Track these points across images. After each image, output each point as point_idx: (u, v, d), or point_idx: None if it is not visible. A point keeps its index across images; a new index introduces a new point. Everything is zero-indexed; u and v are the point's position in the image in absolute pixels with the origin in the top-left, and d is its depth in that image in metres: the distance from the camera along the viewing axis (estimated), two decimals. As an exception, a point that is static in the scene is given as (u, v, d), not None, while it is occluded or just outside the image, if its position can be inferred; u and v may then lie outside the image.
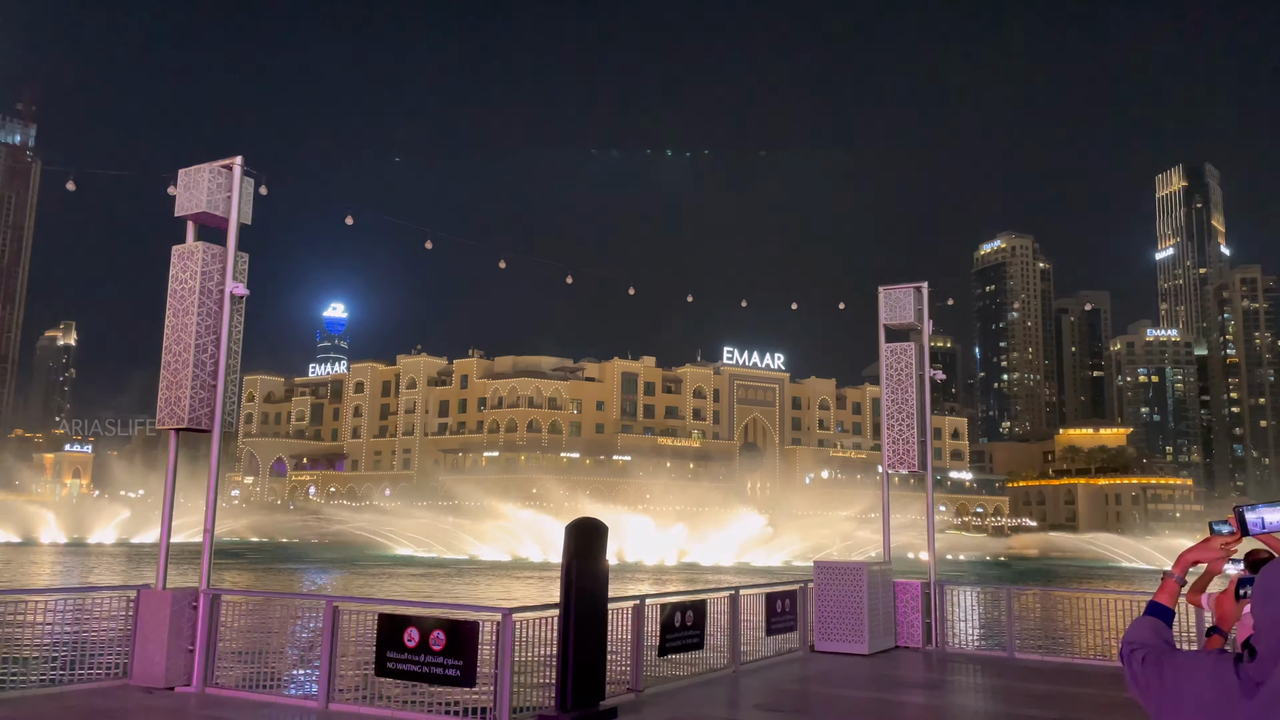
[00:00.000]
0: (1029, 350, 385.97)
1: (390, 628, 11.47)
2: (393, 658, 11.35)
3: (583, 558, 11.36)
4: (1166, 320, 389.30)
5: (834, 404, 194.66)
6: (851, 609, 17.30)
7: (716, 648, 15.26)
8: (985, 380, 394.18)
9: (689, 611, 14.38)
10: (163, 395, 13.32)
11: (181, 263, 13.56)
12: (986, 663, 17.35)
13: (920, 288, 20.02)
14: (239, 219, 13.84)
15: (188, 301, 13.35)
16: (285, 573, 69.04)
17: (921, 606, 18.43)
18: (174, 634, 12.77)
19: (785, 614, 17.01)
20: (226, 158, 14.01)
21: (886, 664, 16.73)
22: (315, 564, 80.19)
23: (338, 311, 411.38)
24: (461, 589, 56.77)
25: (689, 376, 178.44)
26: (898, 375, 19.44)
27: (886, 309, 19.91)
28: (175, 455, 14.17)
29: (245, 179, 13.99)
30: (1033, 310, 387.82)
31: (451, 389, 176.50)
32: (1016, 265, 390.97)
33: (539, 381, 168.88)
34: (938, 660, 17.49)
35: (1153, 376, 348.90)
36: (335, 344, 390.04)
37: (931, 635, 18.45)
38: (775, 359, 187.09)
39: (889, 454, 19.24)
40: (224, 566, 64.08)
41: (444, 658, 11.02)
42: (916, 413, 19.15)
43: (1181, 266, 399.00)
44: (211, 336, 13.43)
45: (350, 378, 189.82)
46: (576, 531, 11.46)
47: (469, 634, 11.05)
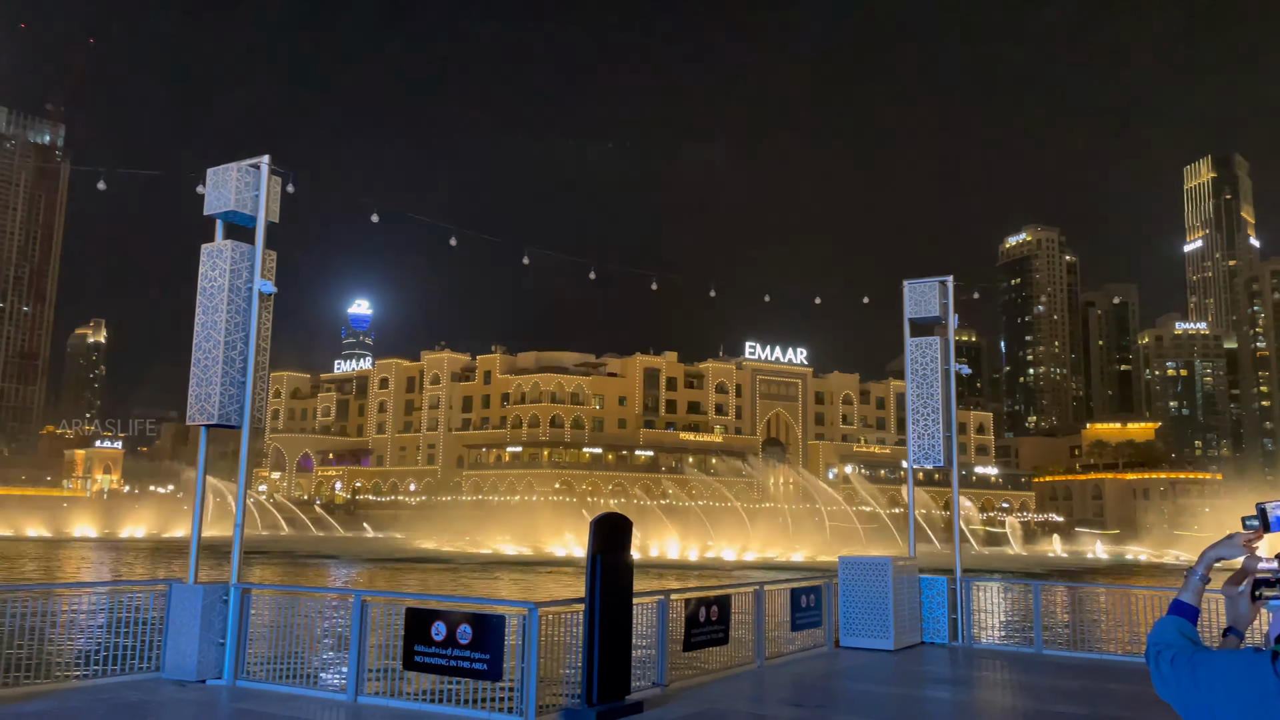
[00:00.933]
0: (1055, 344, 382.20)
1: (418, 622, 11.56)
2: (420, 651, 11.44)
3: (608, 553, 11.40)
4: (1195, 313, 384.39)
5: (857, 399, 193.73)
6: (877, 604, 17.24)
7: (741, 643, 15.27)
8: (1011, 374, 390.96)
9: (713, 606, 14.39)
10: (193, 392, 13.48)
11: (210, 261, 13.70)
12: (1014, 658, 17.25)
13: (945, 281, 19.89)
14: (266, 217, 13.97)
15: (217, 299, 13.50)
16: (311, 567, 69.64)
17: (948, 602, 18.35)
18: (205, 628, 12.94)
19: (810, 609, 16.98)
20: (253, 156, 14.14)
21: (913, 660, 16.67)
22: (340, 559, 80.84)
23: (362, 308, 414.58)
24: (485, 584, 57.07)
25: (711, 372, 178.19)
26: (923, 370, 19.33)
27: (911, 303, 19.79)
28: (205, 451, 14.34)
29: (273, 177, 14.12)
30: (1059, 303, 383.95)
31: (475, 384, 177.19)
32: (1043, 258, 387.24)
33: (561, 377, 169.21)
34: (964, 656, 17.40)
35: (1181, 370, 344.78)
36: (360, 340, 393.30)
37: (958, 631, 18.36)
38: (798, 354, 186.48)
39: (914, 450, 19.14)
40: (251, 561, 64.73)
41: (471, 651, 11.09)
42: (942, 408, 19.04)
43: (1210, 259, 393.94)
44: (240, 334, 13.57)
45: (375, 374, 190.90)
46: (602, 527, 11.50)
47: (496, 628, 11.12)
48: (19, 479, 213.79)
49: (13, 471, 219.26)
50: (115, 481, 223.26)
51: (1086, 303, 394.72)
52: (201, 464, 14.06)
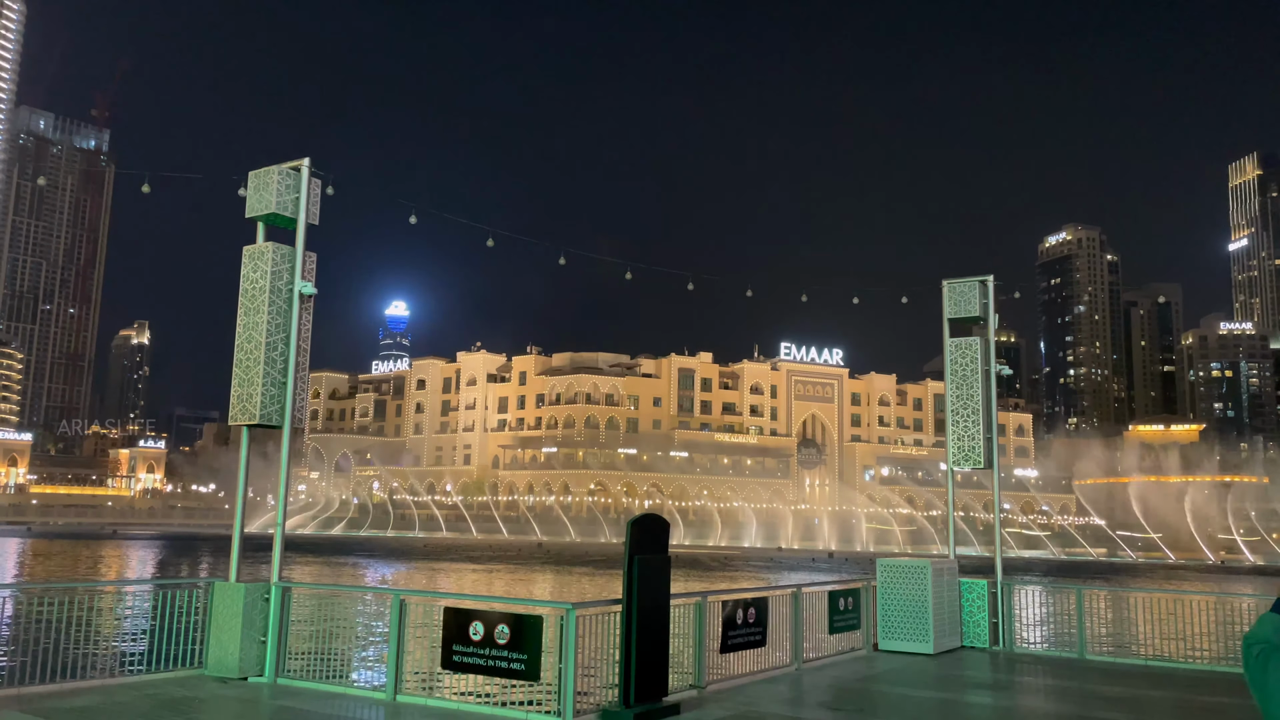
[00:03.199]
0: (1096, 345, 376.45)
1: (456, 621, 11.61)
2: (459, 651, 11.49)
3: (644, 554, 11.38)
4: (1241, 313, 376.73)
5: (894, 400, 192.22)
6: (915, 608, 17.06)
7: (779, 645, 15.17)
8: (1050, 375, 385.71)
9: (750, 609, 14.31)
10: (235, 392, 13.64)
11: (252, 263, 13.87)
12: (1056, 664, 16.98)
13: (985, 281, 19.65)
14: (307, 219, 14.12)
15: (258, 301, 13.66)
16: (348, 566, 70.34)
17: (989, 605, 18.11)
18: (247, 625, 13.09)
19: (848, 612, 16.84)
20: (293, 159, 14.30)
21: (952, 664, 16.47)
22: (376, 556, 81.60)
23: (399, 309, 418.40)
24: (521, 585, 57.27)
25: (746, 372, 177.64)
26: (963, 370, 19.10)
27: (950, 303, 19.57)
28: (247, 451, 14.52)
29: (313, 180, 14.27)
30: (1100, 303, 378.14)
31: (510, 385, 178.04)
32: (1083, 257, 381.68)
33: (596, 378, 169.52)
34: (1005, 661, 17.17)
35: (1226, 371, 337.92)
36: (397, 341, 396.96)
37: (999, 635, 18.12)
38: (834, 354, 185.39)
39: (954, 451, 18.92)
40: (288, 559, 65.48)
41: (509, 651, 11.12)
42: (982, 409, 18.81)
43: (1256, 257, 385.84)
44: (281, 335, 13.72)
45: (412, 374, 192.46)
46: (638, 528, 11.48)
47: (533, 628, 11.13)
48: (65, 478, 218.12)
49: (59, 470, 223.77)
50: (159, 480, 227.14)
51: (1128, 303, 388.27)
52: (244, 463, 14.23)
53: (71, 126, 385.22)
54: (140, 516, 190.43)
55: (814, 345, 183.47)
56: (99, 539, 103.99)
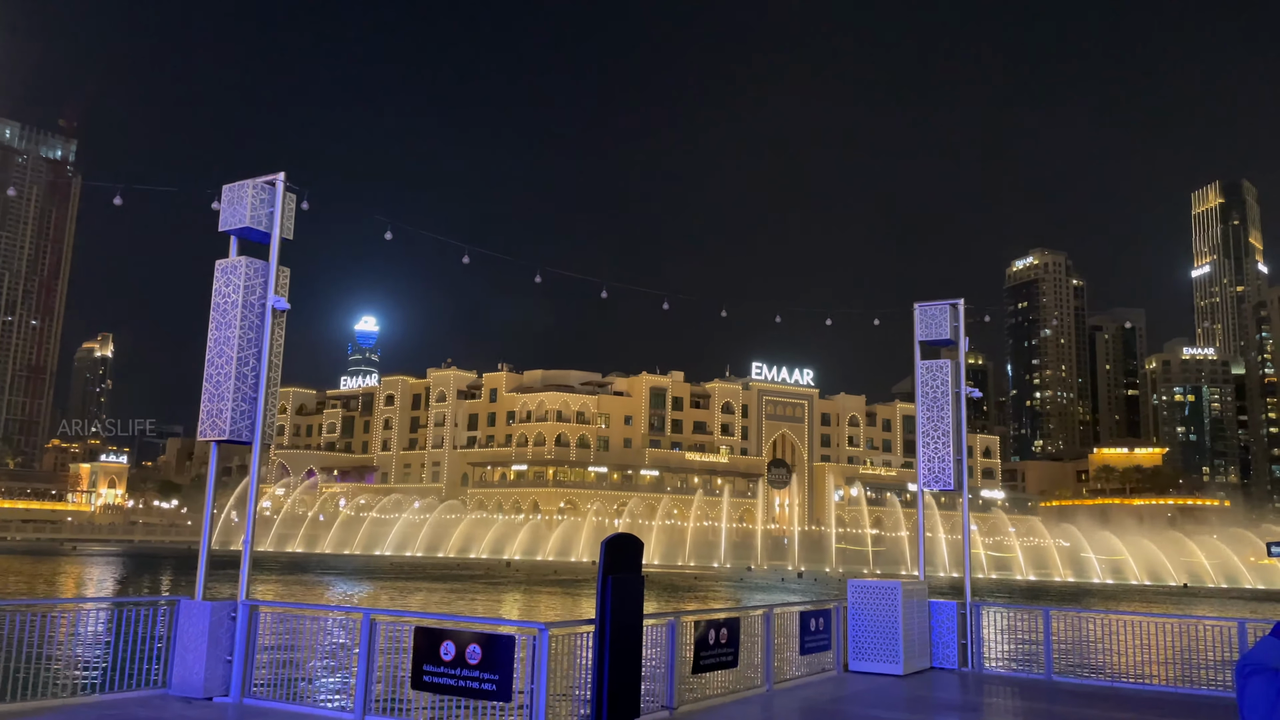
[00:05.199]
0: (1062, 368, 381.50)
1: (427, 641, 11.50)
2: (429, 671, 11.38)
3: (618, 574, 11.35)
4: (1203, 339, 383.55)
5: (864, 421, 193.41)
6: (886, 629, 17.13)
7: (750, 666, 15.17)
8: (1017, 398, 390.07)
9: (723, 629, 14.31)
10: (204, 408, 13.49)
11: (225, 277, 13.75)
12: (1024, 685, 17.11)
13: (956, 304, 19.87)
14: (281, 234, 14.04)
15: (230, 315, 13.53)
16: (313, 584, 69.47)
17: (958, 627, 18.22)
18: (213, 645, 12.89)
19: (819, 633, 16.88)
20: (266, 173, 14.22)
21: (922, 685, 16.54)
22: (343, 574, 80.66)
23: (369, 325, 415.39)
24: (490, 604, 56.85)
25: (718, 392, 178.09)
26: (933, 393, 19.28)
27: (922, 326, 19.76)
28: (215, 467, 14.35)
29: (287, 194, 14.20)
30: (1066, 327, 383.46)
31: (481, 402, 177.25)
32: (1049, 282, 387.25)
33: (567, 395, 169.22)
34: (974, 682, 17.27)
35: (1189, 395, 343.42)
36: (366, 357, 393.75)
37: (968, 656, 18.23)
38: (805, 374, 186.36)
39: (924, 473, 19.06)
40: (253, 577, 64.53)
41: (480, 672, 11.03)
42: (952, 431, 18.98)
43: (1218, 284, 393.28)
44: (253, 350, 13.59)
45: (381, 390, 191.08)
46: (612, 547, 11.46)
47: (505, 649, 11.06)
48: (24, 493, 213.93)
49: (17, 485, 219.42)
50: (120, 496, 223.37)
51: (1093, 327, 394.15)
52: (211, 479, 14.07)
53: (38, 136, 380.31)
54: (100, 532, 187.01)
55: (785, 365, 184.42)
56: (57, 555, 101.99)
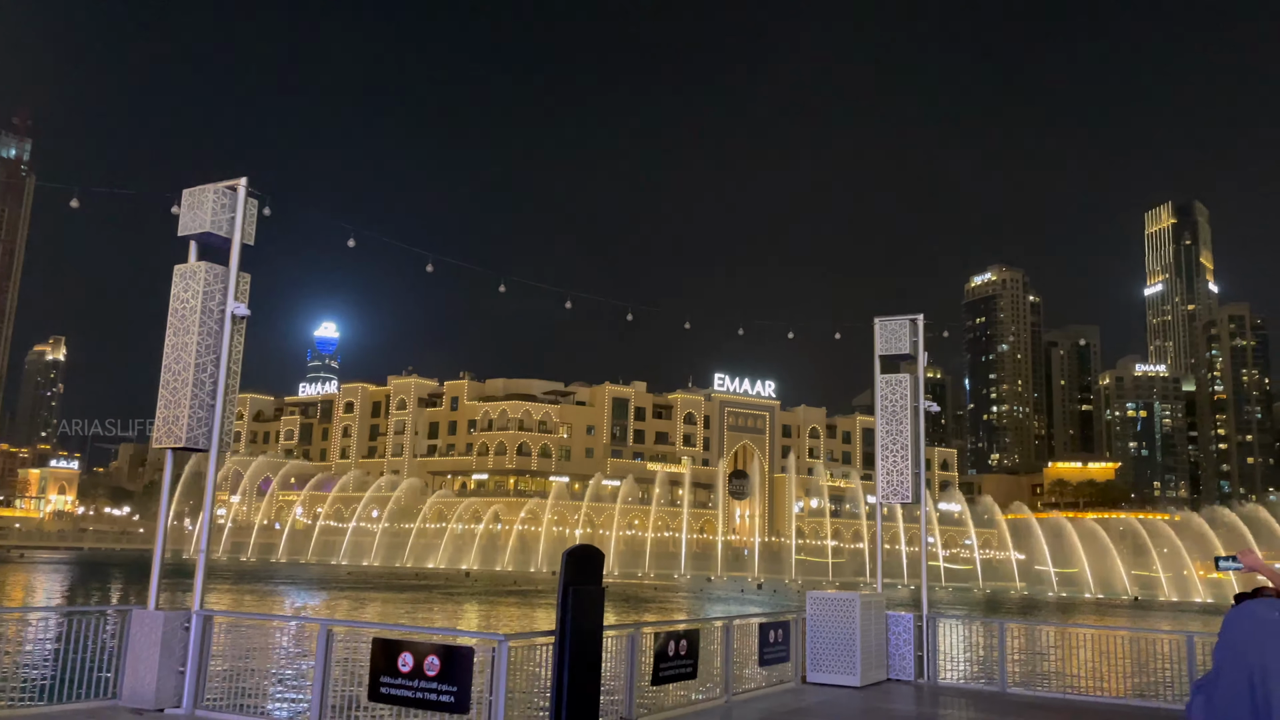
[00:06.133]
0: (1018, 383, 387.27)
1: (385, 652, 11.40)
2: (386, 682, 11.28)
3: (578, 585, 11.35)
4: (1155, 356, 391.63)
5: (824, 433, 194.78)
6: (844, 640, 17.26)
7: (709, 677, 15.22)
8: (975, 412, 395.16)
9: (682, 641, 14.34)
10: (161, 414, 13.30)
11: (184, 282, 13.57)
12: (979, 697, 17.32)
13: (915, 319, 20.12)
14: (242, 240, 13.89)
15: (189, 321, 13.36)
16: (269, 593, 68.47)
17: (914, 639, 18.40)
18: (165, 655, 12.68)
19: (778, 644, 16.96)
20: (227, 178, 14.08)
21: (878, 696, 16.69)
22: (299, 584, 79.57)
23: (329, 331, 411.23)
24: (449, 615, 56.40)
25: (680, 402, 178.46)
26: (893, 407, 19.50)
27: (882, 340, 19.98)
28: (170, 474, 14.14)
29: (249, 200, 14.06)
30: (1023, 343, 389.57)
31: (442, 410, 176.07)
32: (1007, 298, 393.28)
33: (529, 404, 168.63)
34: (929, 693, 17.45)
35: (1141, 411, 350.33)
36: (326, 363, 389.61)
37: (924, 668, 18.41)
38: (766, 386, 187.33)
39: (883, 485, 19.25)
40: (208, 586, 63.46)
41: (438, 683, 10.96)
42: (911, 444, 19.21)
43: (1170, 303, 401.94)
44: (211, 356, 13.43)
45: (340, 398, 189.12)
46: (573, 558, 11.46)
47: (464, 660, 11.00)
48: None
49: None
50: (70, 502, 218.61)
51: (1049, 343, 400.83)
52: (166, 487, 13.87)
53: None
54: (50, 539, 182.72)
55: (747, 377, 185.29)
56: (4, 563, 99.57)
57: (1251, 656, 3.16)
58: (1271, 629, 3.25)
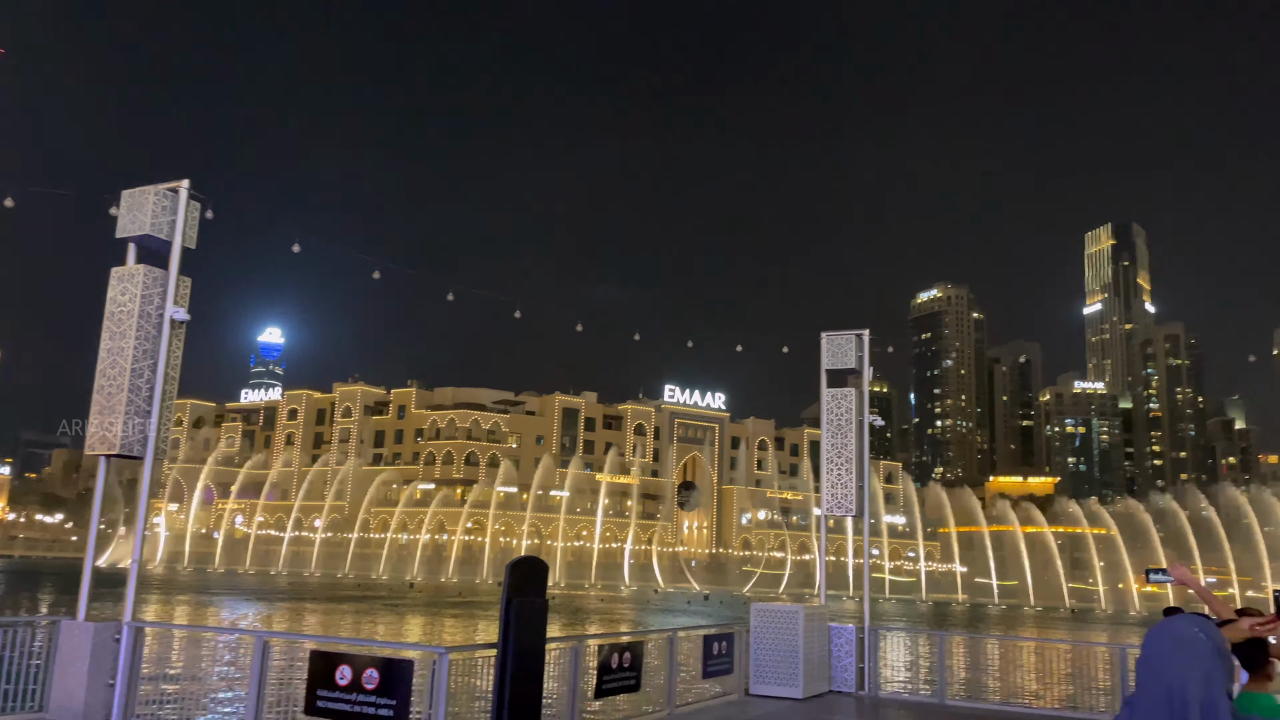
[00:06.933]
0: (962, 398, 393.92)
1: (322, 665, 11.21)
2: (323, 696, 11.09)
3: (522, 597, 11.27)
4: (1094, 373, 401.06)
5: (772, 445, 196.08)
6: (787, 653, 17.35)
7: (653, 689, 15.20)
8: (919, 426, 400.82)
9: (626, 653, 14.31)
10: (94, 420, 12.96)
11: (121, 285, 13.26)
12: (918, 708, 17.52)
13: (861, 334, 20.38)
14: (183, 243, 13.62)
15: (125, 325, 13.05)
16: (205, 604, 66.96)
17: (856, 651, 18.56)
18: (95, 667, 12.33)
19: (722, 657, 17.00)
20: (167, 180, 13.80)
21: (820, 708, 16.80)
22: (238, 594, 77.94)
23: (274, 336, 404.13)
24: (391, 626, 55.66)
25: (630, 413, 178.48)
26: (838, 420, 19.70)
27: (829, 354, 20.20)
28: (104, 481, 13.78)
29: (191, 203, 13.80)
30: (967, 359, 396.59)
31: (389, 419, 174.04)
32: (952, 314, 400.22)
33: (479, 414, 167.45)
34: (870, 705, 17.61)
35: (1080, 427, 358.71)
36: (270, 370, 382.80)
37: (864, 680, 18.57)
38: (716, 398, 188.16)
39: (828, 498, 19.44)
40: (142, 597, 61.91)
41: (377, 697, 10.80)
42: (855, 458, 19.42)
43: (1108, 321, 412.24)
44: (149, 361, 13.13)
45: (284, 404, 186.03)
46: (517, 570, 11.38)
47: (403, 673, 10.86)
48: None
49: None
50: (0, 509, 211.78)
51: (992, 359, 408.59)
52: (99, 495, 13.50)
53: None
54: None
55: (697, 388, 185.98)
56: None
57: (1169, 673, 3.23)
58: (1189, 646, 3.32)
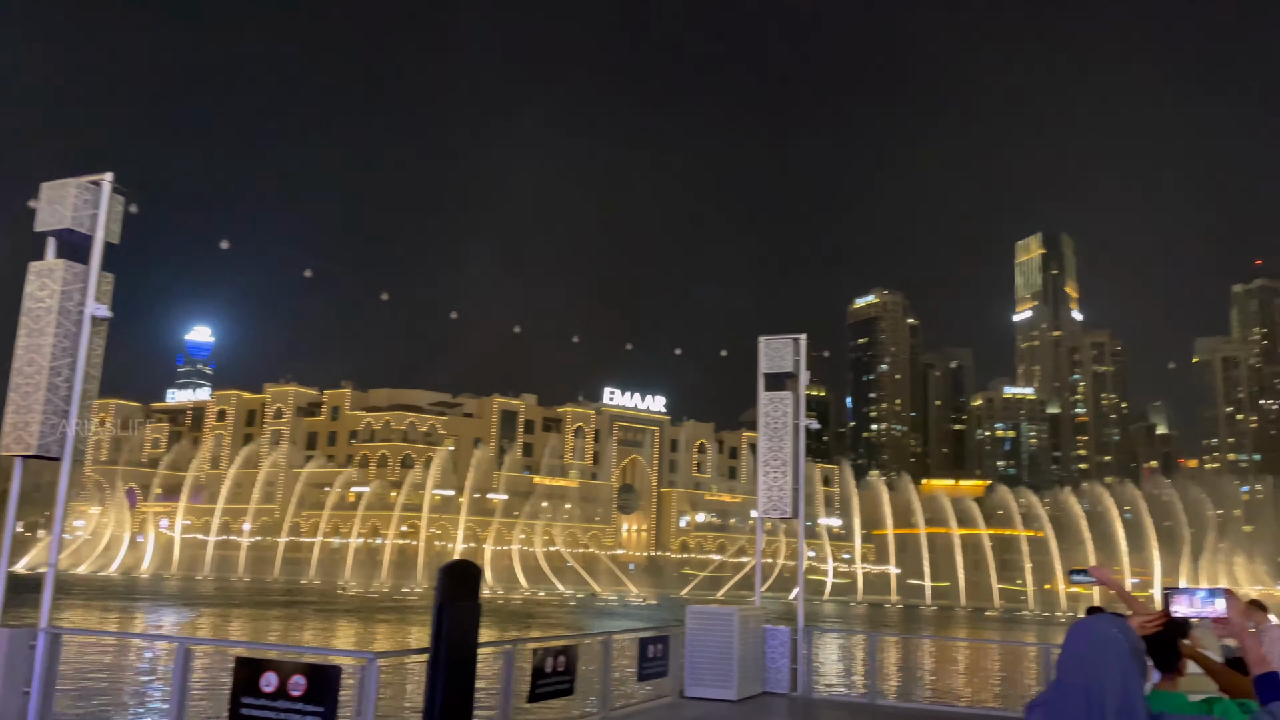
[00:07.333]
0: (897, 402, 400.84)
1: (247, 672, 10.94)
2: (248, 704, 10.82)
3: (454, 601, 11.13)
4: (1023, 378, 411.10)
5: (712, 448, 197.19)
6: (721, 655, 17.43)
7: (587, 693, 15.15)
8: (855, 430, 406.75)
9: (560, 656, 14.23)
10: (10, 420, 12.50)
11: (39, 280, 12.80)
12: (849, 707, 17.75)
13: (799, 339, 20.60)
14: (106, 238, 13.21)
15: (44, 322, 12.61)
16: (129, 610, 65.06)
17: (790, 652, 18.72)
18: (9, 675, 11.87)
19: (657, 659, 17.01)
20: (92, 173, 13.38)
21: (753, 710, 16.91)
22: (164, 600, 75.87)
23: (202, 335, 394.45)
24: (322, 632, 54.69)
25: (570, 416, 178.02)
26: (775, 423, 19.88)
27: (766, 358, 20.38)
28: (19, 484, 13.27)
29: (115, 196, 13.39)
30: (901, 364, 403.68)
31: (322, 420, 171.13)
32: (888, 320, 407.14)
33: (415, 415, 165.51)
34: (802, 706, 17.78)
35: (1009, 431, 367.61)
36: (198, 369, 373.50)
37: (798, 681, 18.74)
38: (656, 401, 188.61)
39: (764, 501, 19.60)
40: (62, 603, 59.97)
41: (304, 704, 10.57)
42: (792, 461, 19.62)
43: (1038, 328, 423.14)
44: (68, 359, 12.70)
45: (213, 405, 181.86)
46: (449, 574, 11.24)
47: (331, 680, 10.64)
48: None
49: None
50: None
51: (926, 364, 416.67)
52: (15, 497, 13.02)
53: None
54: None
55: (637, 391, 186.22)
56: None
57: (1088, 672, 3.31)
58: (1108, 646, 3.40)
